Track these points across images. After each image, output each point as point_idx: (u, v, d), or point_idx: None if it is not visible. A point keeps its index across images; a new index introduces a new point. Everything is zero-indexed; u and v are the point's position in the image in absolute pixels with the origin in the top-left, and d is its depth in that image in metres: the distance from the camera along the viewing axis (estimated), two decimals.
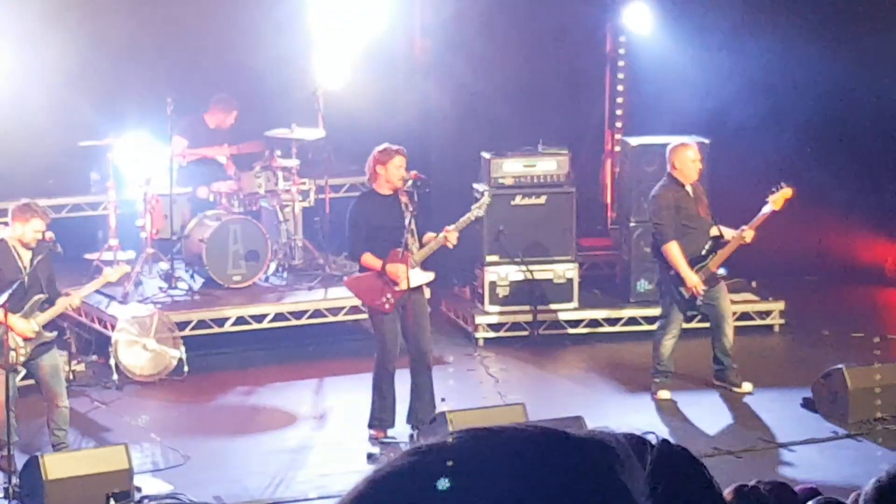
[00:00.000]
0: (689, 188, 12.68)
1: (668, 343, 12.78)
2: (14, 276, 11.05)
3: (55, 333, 11.39)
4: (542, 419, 10.95)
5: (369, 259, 11.74)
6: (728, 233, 12.70)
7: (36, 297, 11.13)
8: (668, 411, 12.69)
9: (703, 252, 12.59)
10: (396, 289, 11.67)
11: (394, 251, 11.67)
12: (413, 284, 11.67)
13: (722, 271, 12.78)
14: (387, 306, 11.74)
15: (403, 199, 11.77)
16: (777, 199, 12.61)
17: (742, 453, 11.60)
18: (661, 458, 1.60)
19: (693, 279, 12.48)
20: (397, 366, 11.84)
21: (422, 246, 11.84)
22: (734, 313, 13.34)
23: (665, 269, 12.73)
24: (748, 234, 12.57)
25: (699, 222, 12.67)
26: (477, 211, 12.37)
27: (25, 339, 11.06)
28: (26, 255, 11.13)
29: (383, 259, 11.65)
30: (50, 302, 11.19)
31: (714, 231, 12.68)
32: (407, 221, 11.67)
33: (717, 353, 12.93)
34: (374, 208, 11.80)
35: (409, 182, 11.83)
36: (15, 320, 10.97)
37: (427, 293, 12.31)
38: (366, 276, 11.85)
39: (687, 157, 12.69)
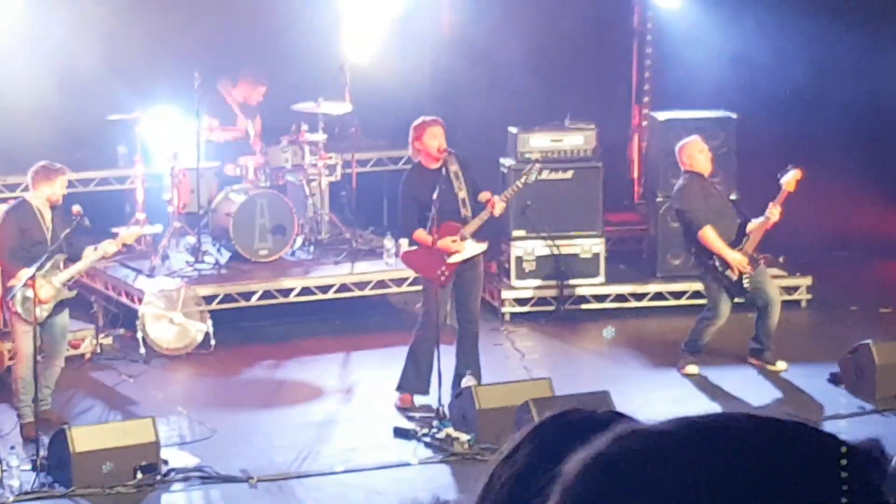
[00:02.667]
0: (706, 180, 12.74)
1: (711, 332, 12.77)
2: (39, 236, 11.31)
3: (75, 292, 11.55)
4: (568, 394, 10.95)
5: (421, 234, 11.78)
6: (753, 223, 12.70)
7: (57, 257, 11.29)
8: (696, 385, 12.67)
9: (735, 237, 12.58)
10: (450, 261, 11.72)
11: (446, 224, 11.68)
12: (466, 256, 11.74)
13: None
14: (443, 279, 11.79)
15: (453, 168, 11.79)
16: (789, 182, 12.62)
17: None
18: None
19: (736, 257, 12.45)
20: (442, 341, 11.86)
21: (474, 214, 11.85)
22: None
23: (705, 259, 12.65)
24: (774, 212, 12.56)
25: (727, 209, 12.67)
26: (525, 178, 12.35)
27: (47, 298, 11.21)
28: (48, 216, 11.37)
29: (433, 233, 11.67)
30: (72, 259, 11.37)
31: (746, 223, 12.70)
32: (457, 191, 11.71)
33: (759, 333, 12.89)
34: (420, 183, 11.84)
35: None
36: (41, 284, 11.18)
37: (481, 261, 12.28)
38: (420, 250, 11.92)
39: (695, 149, 12.77)
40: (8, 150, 14.34)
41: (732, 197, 13.82)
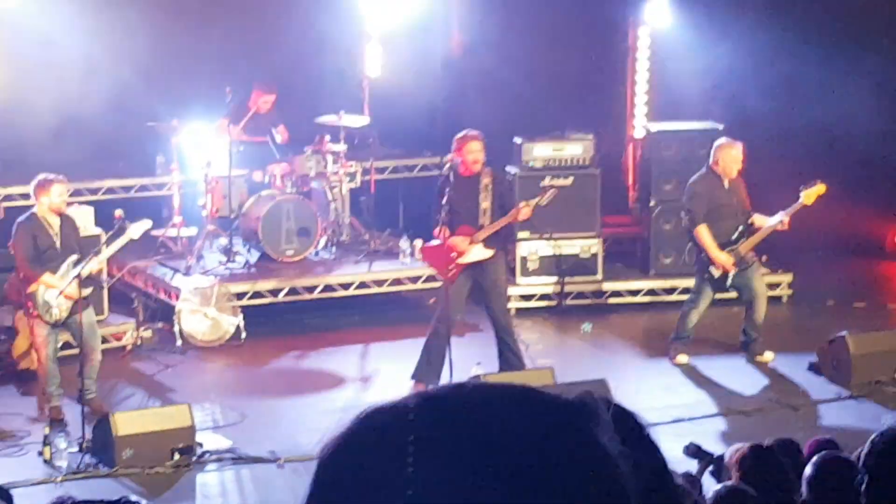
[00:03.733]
0: (725, 182, 12.65)
1: (694, 316, 12.78)
2: (48, 242, 11.35)
3: (91, 289, 11.55)
4: (568, 382, 10.94)
5: (441, 231, 11.80)
6: (762, 220, 12.65)
7: (70, 258, 11.31)
8: (686, 374, 12.65)
9: (734, 237, 12.56)
10: (459, 261, 11.70)
11: (463, 227, 11.70)
12: (470, 259, 11.72)
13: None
14: (450, 275, 11.78)
15: (485, 180, 11.80)
16: (810, 194, 12.56)
17: (753, 413, 11.56)
18: (618, 416, 1.52)
19: (721, 257, 12.46)
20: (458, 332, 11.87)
21: (495, 220, 11.85)
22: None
23: (699, 251, 12.70)
24: (784, 222, 12.53)
25: (730, 211, 12.62)
26: (540, 198, 12.31)
27: (66, 297, 11.19)
28: (55, 223, 11.43)
29: (453, 233, 11.70)
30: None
31: (750, 220, 12.64)
32: (482, 201, 11.72)
33: (747, 327, 12.85)
34: (451, 187, 11.83)
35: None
36: (55, 280, 11.27)
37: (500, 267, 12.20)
38: (436, 246, 11.93)
39: (731, 155, 12.67)
40: (56, 161, 14.30)
41: None
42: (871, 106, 15.54)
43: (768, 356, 12.82)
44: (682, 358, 12.83)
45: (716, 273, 12.55)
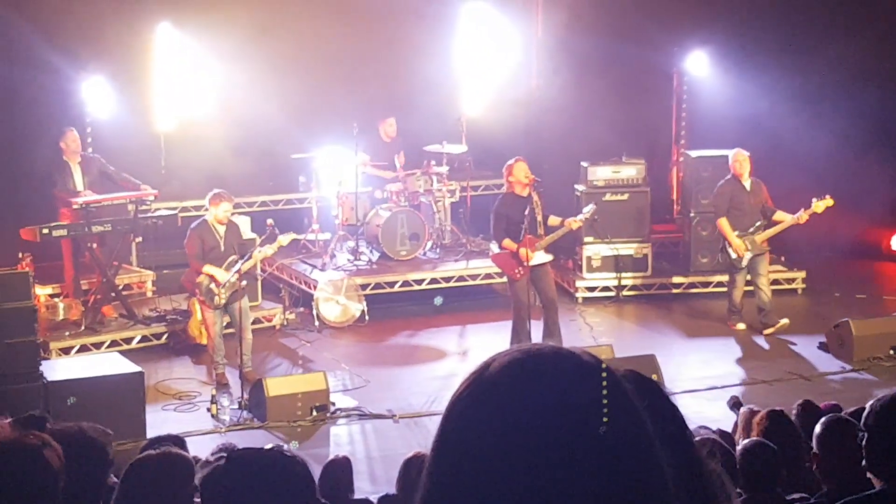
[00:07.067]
0: (746, 183, 12.69)
1: (735, 293, 12.92)
2: (213, 243, 11.47)
3: (246, 283, 11.62)
4: (624, 357, 10.86)
5: (508, 243, 11.69)
6: (783, 215, 12.58)
7: (231, 258, 11.40)
8: (719, 351, 12.49)
9: (751, 230, 12.54)
10: (527, 264, 11.65)
11: (527, 237, 11.62)
12: (537, 262, 11.67)
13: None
14: (518, 275, 11.72)
15: (535, 196, 11.72)
16: (820, 205, 12.49)
17: (773, 382, 11.42)
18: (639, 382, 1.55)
19: (737, 242, 12.62)
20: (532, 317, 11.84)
21: (546, 230, 11.75)
22: (771, 280, 13.26)
23: (722, 240, 12.88)
24: (802, 217, 12.49)
25: (750, 209, 12.67)
26: (587, 216, 12.20)
27: (225, 288, 11.32)
28: (221, 230, 11.48)
29: (518, 242, 11.62)
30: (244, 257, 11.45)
31: (777, 216, 12.56)
32: (536, 214, 11.67)
33: (757, 304, 12.88)
34: (511, 205, 11.75)
35: (533, 183, 11.80)
36: (218, 272, 11.38)
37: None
38: (505, 254, 11.83)
39: (737, 159, 12.81)
40: (222, 179, 14.54)
41: None
42: (853, 138, 15.36)
43: (784, 322, 12.74)
44: (741, 326, 12.97)
45: (732, 255, 12.64)
